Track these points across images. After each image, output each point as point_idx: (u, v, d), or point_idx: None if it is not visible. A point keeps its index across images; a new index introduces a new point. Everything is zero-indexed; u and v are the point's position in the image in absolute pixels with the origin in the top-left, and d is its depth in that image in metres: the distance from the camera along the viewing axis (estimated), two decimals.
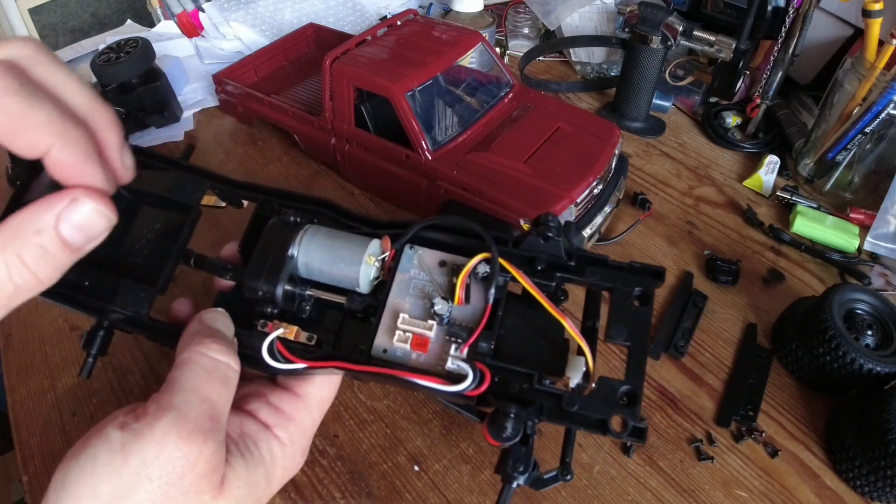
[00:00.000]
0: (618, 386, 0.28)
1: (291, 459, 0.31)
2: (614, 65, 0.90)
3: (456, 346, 0.30)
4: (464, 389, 0.28)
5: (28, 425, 0.50)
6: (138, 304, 0.32)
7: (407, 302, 0.32)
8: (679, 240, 0.66)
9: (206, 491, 0.26)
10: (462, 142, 0.62)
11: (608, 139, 0.63)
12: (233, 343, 0.31)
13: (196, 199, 0.35)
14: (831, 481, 0.47)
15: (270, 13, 0.97)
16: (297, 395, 0.32)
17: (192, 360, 0.27)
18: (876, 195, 0.67)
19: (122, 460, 0.24)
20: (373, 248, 0.32)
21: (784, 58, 0.73)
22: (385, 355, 0.31)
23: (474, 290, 0.32)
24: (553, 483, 0.31)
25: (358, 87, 0.63)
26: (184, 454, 0.25)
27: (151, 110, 0.78)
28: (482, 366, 0.29)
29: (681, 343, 0.55)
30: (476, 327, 0.30)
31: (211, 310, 0.31)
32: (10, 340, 0.57)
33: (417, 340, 0.30)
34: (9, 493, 1.16)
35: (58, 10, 1.43)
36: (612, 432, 0.28)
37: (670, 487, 0.46)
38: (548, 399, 0.29)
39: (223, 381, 0.28)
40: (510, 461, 0.29)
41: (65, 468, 0.25)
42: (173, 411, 0.25)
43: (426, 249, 0.33)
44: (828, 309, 0.50)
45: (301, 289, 0.33)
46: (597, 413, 0.28)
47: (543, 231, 0.32)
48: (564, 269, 0.32)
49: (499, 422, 0.28)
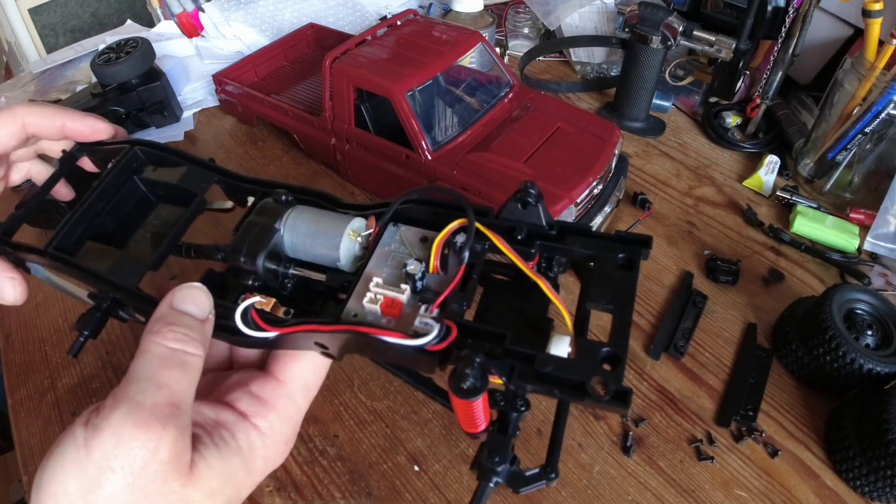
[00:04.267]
0: (599, 347, 0.26)
1: (273, 449, 0.31)
2: (614, 65, 0.90)
3: (426, 308, 0.29)
4: (426, 343, 0.26)
5: (28, 425, 0.50)
6: (130, 275, 0.33)
7: (383, 272, 0.31)
8: (679, 240, 0.66)
9: (174, 478, 0.26)
10: (462, 142, 0.62)
11: (608, 139, 0.63)
12: (206, 323, 0.30)
13: (202, 189, 0.36)
14: (831, 481, 0.47)
15: (270, 13, 0.97)
16: (279, 381, 0.32)
17: (148, 349, 0.27)
18: (876, 195, 0.67)
19: (86, 456, 0.24)
20: (355, 223, 0.32)
21: (784, 58, 0.74)
22: (355, 319, 0.29)
23: (452, 262, 0.31)
24: (535, 483, 0.28)
25: (358, 87, 0.63)
26: (142, 443, 0.24)
27: (151, 110, 0.78)
28: (450, 322, 0.27)
29: (681, 343, 0.55)
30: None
31: (186, 286, 0.31)
32: (10, 340, 0.57)
33: (388, 302, 0.29)
34: (9, 493, 1.16)
35: (58, 10, 1.43)
36: (590, 396, 0.25)
37: (670, 487, 0.46)
38: (519, 359, 0.26)
39: (181, 367, 0.27)
40: (485, 452, 0.27)
41: (41, 469, 0.25)
42: (128, 401, 0.25)
43: (409, 227, 0.33)
44: (828, 309, 0.50)
45: (285, 266, 0.33)
46: (575, 375, 0.25)
47: (522, 197, 0.31)
48: (544, 237, 0.31)
49: (460, 368, 0.24)
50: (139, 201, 0.38)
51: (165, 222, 0.37)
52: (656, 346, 0.55)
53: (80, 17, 1.48)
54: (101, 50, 0.76)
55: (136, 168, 0.38)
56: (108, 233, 0.37)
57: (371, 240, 0.32)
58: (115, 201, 0.37)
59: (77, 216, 0.35)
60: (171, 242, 0.35)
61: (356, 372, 0.53)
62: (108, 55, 0.75)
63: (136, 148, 0.38)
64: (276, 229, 0.32)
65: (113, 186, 0.37)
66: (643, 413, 0.51)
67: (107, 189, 0.37)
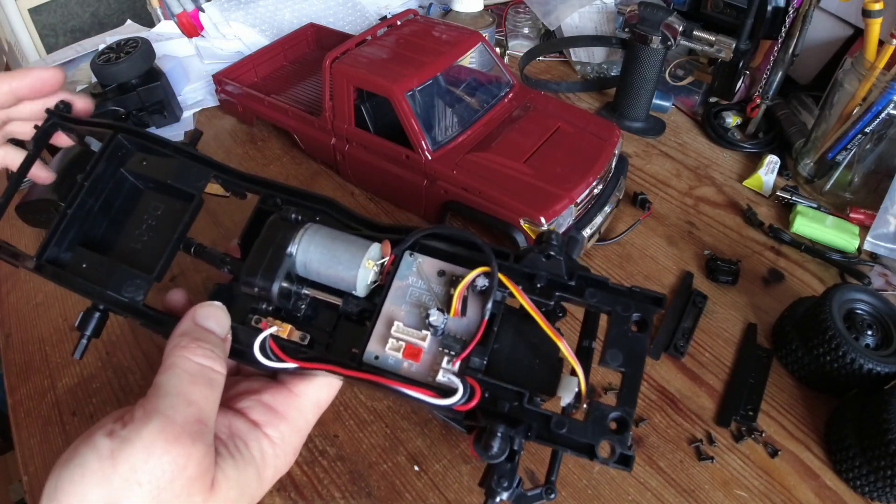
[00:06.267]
0: (608, 412, 0.28)
1: (283, 458, 0.31)
2: (614, 65, 0.90)
3: (448, 359, 0.30)
4: (453, 404, 0.28)
5: (28, 425, 0.50)
6: (134, 290, 0.33)
7: (402, 310, 0.32)
8: (679, 240, 0.66)
9: (198, 493, 0.26)
10: (462, 142, 0.62)
11: (608, 139, 0.63)
12: (225, 341, 0.31)
13: (199, 188, 0.35)
14: (831, 481, 0.47)
15: (270, 13, 0.97)
16: (292, 393, 0.32)
17: (178, 364, 0.28)
18: (876, 195, 0.67)
19: (112, 467, 0.24)
20: (372, 252, 0.32)
21: (784, 58, 0.73)
22: (377, 362, 0.30)
23: (471, 303, 0.31)
24: (536, 501, 0.30)
25: (358, 87, 0.63)
26: (172, 458, 0.25)
27: (151, 110, 0.78)
28: (473, 381, 0.29)
29: (681, 343, 0.55)
30: (470, 341, 0.30)
31: (207, 304, 0.31)
32: (10, 340, 0.57)
33: (410, 350, 0.30)
34: (9, 493, 1.16)
35: (58, 10, 1.43)
36: (599, 458, 0.27)
37: (670, 487, 0.46)
38: (537, 419, 0.29)
39: (209, 384, 0.28)
40: (495, 476, 0.29)
41: (56, 476, 0.25)
42: (160, 416, 0.25)
43: (426, 257, 0.33)
44: (828, 309, 0.50)
45: (298, 287, 0.33)
46: (585, 438, 0.28)
47: (545, 249, 0.31)
48: (564, 288, 0.32)
49: (486, 440, 0.28)
50: (129, 194, 0.37)
51: (160, 218, 0.36)
52: (656, 346, 0.55)
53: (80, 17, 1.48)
54: (101, 50, 0.76)
55: (123, 157, 0.36)
56: (100, 233, 0.36)
57: (386, 267, 0.33)
58: (105, 197, 0.36)
59: (67, 219, 0.34)
60: (173, 248, 0.34)
61: None
62: (108, 55, 0.75)
63: (120, 135, 0.36)
64: (289, 254, 0.32)
65: (101, 181, 0.35)
66: (643, 413, 0.51)
67: (95, 184, 0.35)
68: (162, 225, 0.35)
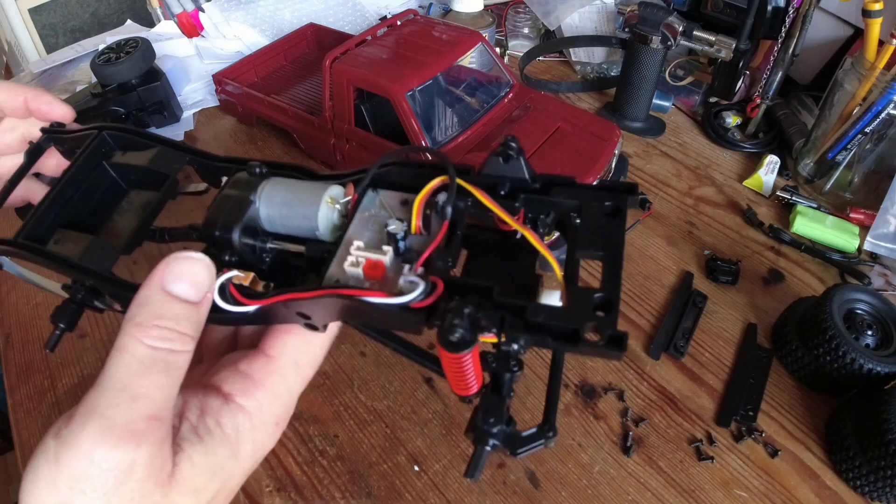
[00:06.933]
0: (591, 294, 0.25)
1: (262, 430, 0.28)
2: (614, 65, 0.90)
3: (410, 268, 0.28)
4: (412, 300, 0.25)
5: (28, 425, 0.50)
6: (102, 259, 0.32)
7: (364, 236, 0.30)
8: (679, 240, 0.66)
9: (153, 490, 0.24)
10: (462, 142, 0.62)
11: (608, 139, 0.63)
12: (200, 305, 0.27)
13: (174, 171, 0.35)
14: (831, 481, 0.47)
15: (270, 13, 0.97)
16: (268, 357, 0.30)
17: (127, 347, 0.24)
18: (876, 195, 0.67)
19: (57, 472, 0.23)
20: (333, 190, 0.31)
21: (784, 58, 0.73)
22: (337, 284, 0.28)
23: (435, 222, 0.29)
24: (534, 444, 0.26)
25: (358, 87, 0.63)
26: (115, 464, 0.23)
27: (151, 110, 0.78)
28: (435, 278, 0.26)
29: (681, 343, 0.55)
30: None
31: (182, 257, 0.27)
32: (10, 340, 0.57)
33: (371, 265, 0.28)
34: (9, 493, 1.16)
35: (58, 10, 1.43)
36: (584, 342, 0.24)
37: (670, 487, 0.46)
38: (510, 310, 0.25)
39: (164, 371, 0.24)
40: (480, 412, 0.26)
41: (23, 478, 0.24)
42: (98, 417, 0.23)
43: (390, 191, 0.32)
44: (828, 309, 0.50)
45: (262, 240, 0.32)
46: (568, 323, 0.24)
47: (504, 151, 0.29)
48: (529, 190, 0.30)
49: (448, 321, 0.23)
50: (110, 188, 0.37)
51: (138, 208, 0.36)
52: (656, 346, 0.55)
53: (80, 17, 1.48)
54: (101, 50, 0.76)
55: (106, 153, 0.37)
56: (79, 221, 0.36)
57: (350, 207, 0.31)
58: (85, 188, 0.36)
59: (46, 204, 0.34)
60: (144, 225, 0.34)
61: (356, 372, 0.53)
62: (108, 55, 0.75)
63: (103, 133, 0.37)
64: (251, 201, 0.30)
65: (82, 173, 0.35)
66: (643, 413, 0.51)
67: (76, 176, 0.35)
68: (139, 213, 0.36)
